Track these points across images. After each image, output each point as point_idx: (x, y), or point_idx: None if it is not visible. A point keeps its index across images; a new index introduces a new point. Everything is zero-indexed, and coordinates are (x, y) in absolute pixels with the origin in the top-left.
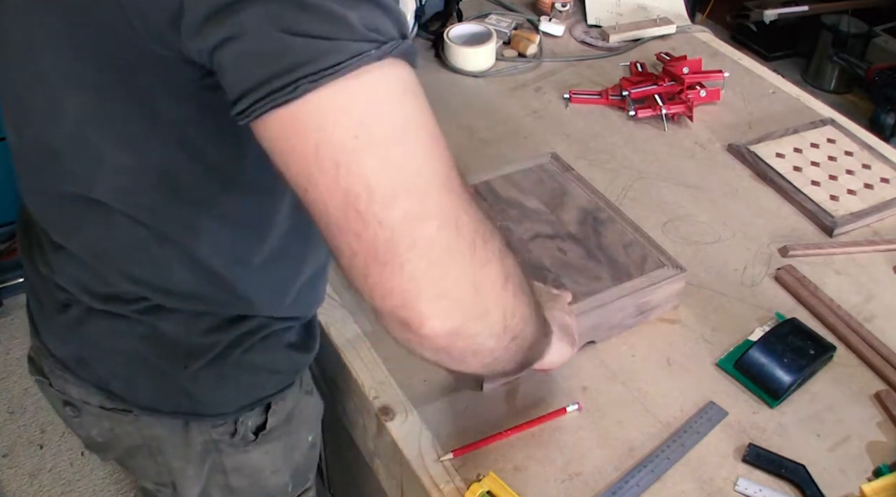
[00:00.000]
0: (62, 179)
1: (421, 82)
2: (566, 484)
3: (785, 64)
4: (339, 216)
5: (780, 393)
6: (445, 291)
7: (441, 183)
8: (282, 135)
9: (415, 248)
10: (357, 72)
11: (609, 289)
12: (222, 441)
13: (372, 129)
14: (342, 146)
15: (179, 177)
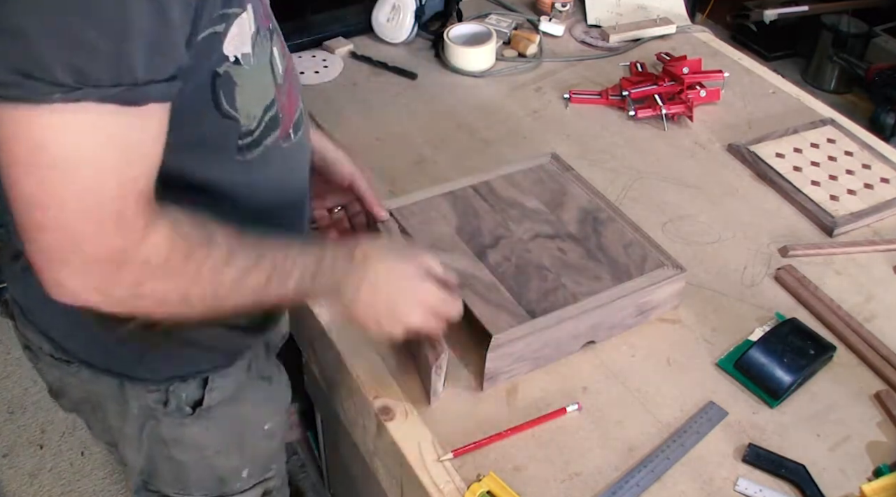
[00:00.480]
0: None
1: (425, 83)
2: (566, 484)
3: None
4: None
5: (780, 393)
6: (62, 280)
7: (80, 210)
8: None
9: (38, 253)
10: (39, 107)
11: (609, 289)
12: (157, 409)
13: (36, 151)
14: (13, 154)
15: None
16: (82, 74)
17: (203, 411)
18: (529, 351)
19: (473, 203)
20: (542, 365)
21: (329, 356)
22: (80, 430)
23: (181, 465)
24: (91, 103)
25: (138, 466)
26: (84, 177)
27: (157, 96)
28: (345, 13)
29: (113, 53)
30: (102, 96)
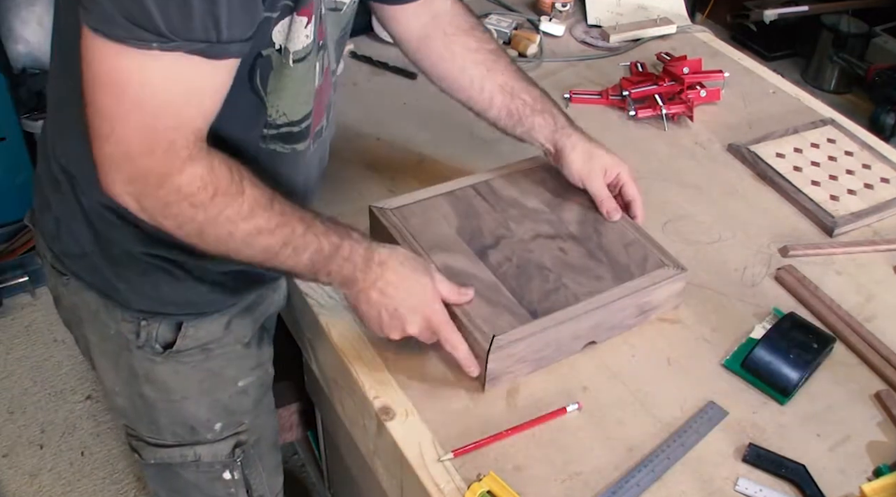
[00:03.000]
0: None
1: (425, 83)
2: (566, 484)
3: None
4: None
5: (790, 389)
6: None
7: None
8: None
9: (100, 158)
10: (134, 49)
11: (610, 289)
12: (131, 340)
13: (119, 76)
14: (98, 75)
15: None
16: (178, 29)
17: (173, 354)
18: (531, 352)
19: (474, 203)
20: (543, 365)
21: (329, 356)
22: (80, 431)
23: (152, 406)
24: (180, 54)
25: (118, 407)
26: (152, 105)
27: (234, 53)
28: None
29: (207, 13)
30: (191, 49)
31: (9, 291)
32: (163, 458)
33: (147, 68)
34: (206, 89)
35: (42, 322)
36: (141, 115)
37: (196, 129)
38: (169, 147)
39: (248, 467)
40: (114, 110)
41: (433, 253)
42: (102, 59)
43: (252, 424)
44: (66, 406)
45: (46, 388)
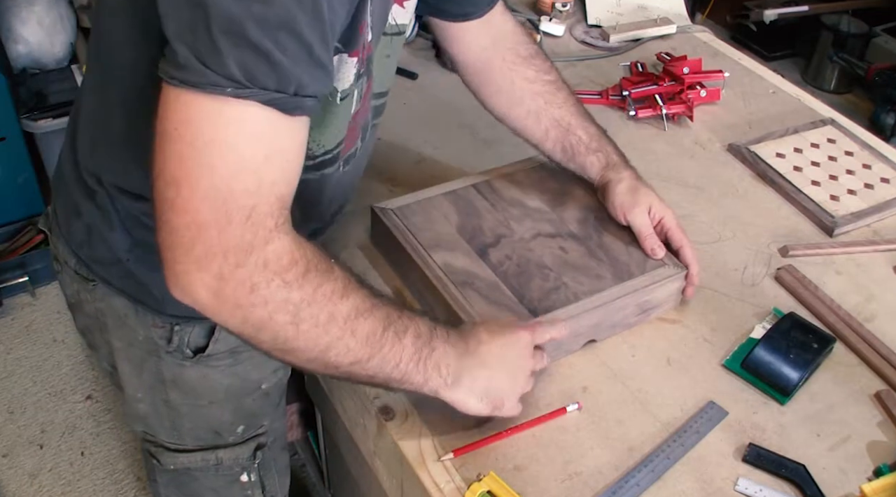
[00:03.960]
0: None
1: (425, 83)
2: (566, 484)
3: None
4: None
5: (790, 389)
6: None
7: (213, 198)
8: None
9: (166, 237)
10: (206, 96)
11: (611, 288)
12: (161, 345)
13: (187, 130)
14: (166, 131)
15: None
16: (253, 76)
17: (203, 358)
18: None
19: (475, 202)
20: None
21: None
22: (80, 431)
23: (177, 411)
24: (254, 103)
25: (139, 413)
26: (225, 165)
27: (308, 110)
28: None
29: (283, 63)
30: (267, 99)
31: (9, 291)
32: (183, 463)
33: (222, 118)
34: (286, 150)
35: (42, 322)
36: (212, 176)
37: (280, 196)
38: (249, 214)
39: (264, 468)
40: (182, 172)
41: (434, 252)
42: (175, 109)
43: (270, 426)
44: (66, 406)
45: (46, 388)
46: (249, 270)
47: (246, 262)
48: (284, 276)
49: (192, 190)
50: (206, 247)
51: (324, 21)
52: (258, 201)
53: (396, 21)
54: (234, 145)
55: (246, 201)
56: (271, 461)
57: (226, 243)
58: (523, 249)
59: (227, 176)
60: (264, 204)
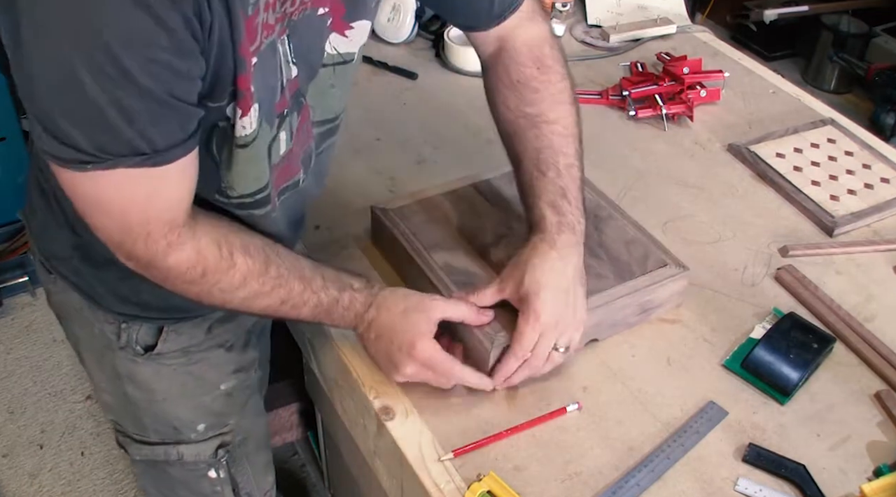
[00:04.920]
0: None
1: (425, 83)
2: (566, 484)
3: (785, 64)
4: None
5: (790, 389)
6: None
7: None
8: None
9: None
10: (77, 172)
11: (613, 287)
12: (113, 341)
13: (76, 195)
14: (69, 195)
15: None
16: (107, 150)
17: (154, 356)
18: None
19: (475, 202)
20: None
21: (329, 356)
22: (80, 431)
23: (136, 405)
24: (120, 169)
25: (105, 404)
26: (116, 211)
27: (179, 155)
28: None
29: (132, 131)
30: (130, 164)
31: (9, 291)
32: (147, 455)
33: (96, 186)
34: (162, 189)
35: (42, 322)
36: (110, 219)
37: (168, 220)
38: (147, 238)
39: (235, 466)
40: (86, 214)
41: (434, 252)
42: (59, 175)
43: (238, 425)
44: (66, 406)
45: (46, 388)
46: (157, 272)
47: (152, 266)
48: (184, 277)
49: (102, 224)
50: (124, 254)
51: (156, 82)
52: (151, 228)
53: (338, 51)
54: (116, 200)
55: (141, 229)
56: (243, 459)
57: (137, 255)
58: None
59: (120, 218)
60: (156, 230)
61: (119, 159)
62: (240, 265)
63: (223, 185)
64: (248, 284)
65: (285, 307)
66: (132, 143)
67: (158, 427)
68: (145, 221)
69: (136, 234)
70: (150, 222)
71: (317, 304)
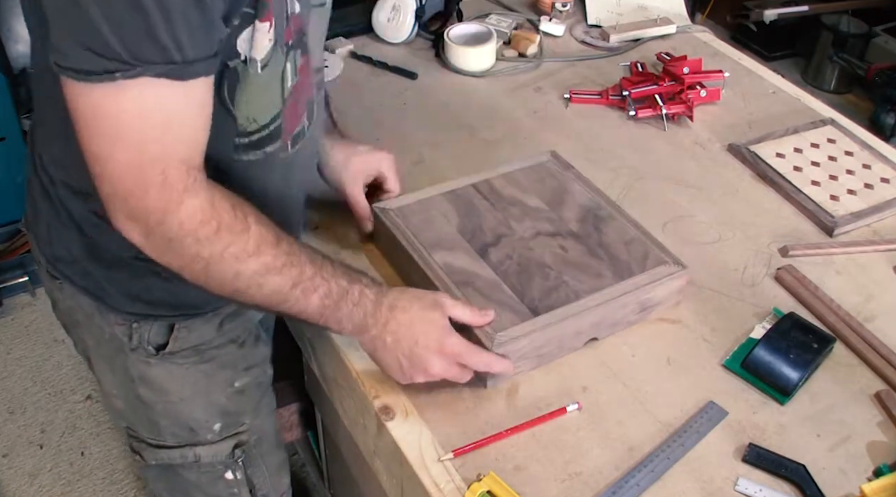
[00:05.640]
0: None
1: (425, 83)
2: (566, 484)
3: (785, 64)
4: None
5: (790, 389)
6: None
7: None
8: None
9: (102, 198)
10: (99, 84)
11: (611, 286)
12: (124, 342)
13: (92, 117)
14: (76, 118)
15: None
16: (139, 55)
17: (166, 355)
18: (532, 348)
19: (474, 202)
20: (545, 362)
21: (329, 356)
22: (80, 431)
23: (150, 408)
24: (146, 78)
25: (117, 409)
26: (132, 139)
27: (203, 71)
28: (345, 13)
29: (166, 33)
30: (156, 73)
31: (9, 291)
32: (163, 459)
33: (119, 100)
34: (183, 114)
35: (42, 322)
36: (125, 151)
37: (185, 159)
38: (162, 182)
39: (251, 467)
40: (100, 150)
41: (434, 251)
42: (78, 99)
43: (252, 425)
44: (66, 406)
45: (46, 388)
46: (167, 228)
47: (164, 220)
48: (197, 233)
49: (111, 165)
50: (131, 209)
51: None
52: (167, 166)
53: None
54: (136, 121)
55: (157, 169)
56: (259, 459)
57: (147, 206)
58: (523, 248)
59: (137, 148)
60: (173, 169)
61: (148, 66)
62: (254, 231)
63: (241, 126)
64: (262, 253)
65: (295, 292)
66: (166, 48)
67: (174, 429)
68: (161, 156)
69: (150, 175)
70: (165, 158)
71: (327, 293)
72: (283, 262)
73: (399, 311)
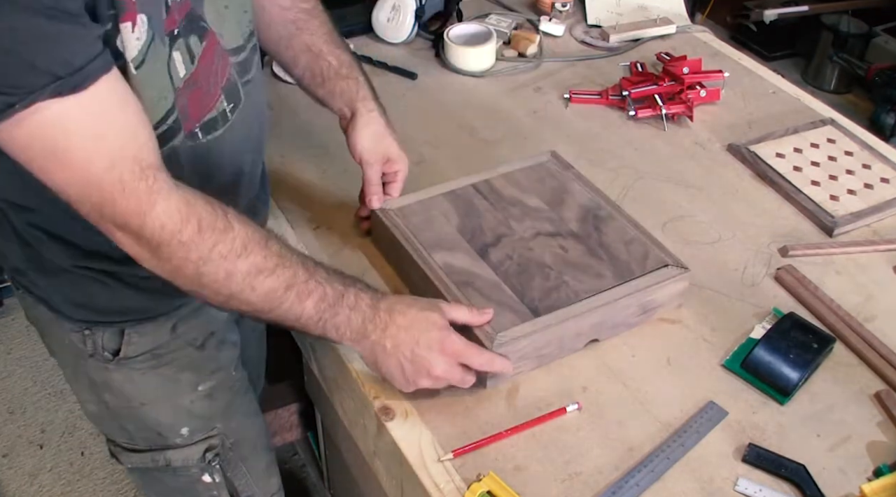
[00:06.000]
0: None
1: (425, 83)
2: (566, 484)
3: (785, 64)
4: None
5: (790, 389)
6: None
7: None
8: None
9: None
10: (7, 120)
11: (613, 287)
12: (82, 349)
13: (27, 154)
14: (17, 157)
15: None
16: (22, 84)
17: (123, 361)
18: (533, 349)
19: (474, 202)
20: (545, 363)
21: (329, 356)
22: (80, 431)
23: (116, 413)
24: (42, 103)
25: (91, 414)
26: (71, 160)
27: (100, 71)
28: (345, 13)
29: (37, 59)
30: (49, 93)
31: (9, 291)
32: (136, 462)
33: (32, 129)
34: (102, 119)
35: None
36: (71, 171)
37: (135, 158)
38: (122, 188)
39: (231, 470)
40: (50, 177)
41: (434, 252)
42: (8, 145)
43: (226, 428)
44: (66, 406)
45: (46, 388)
46: (151, 232)
47: (144, 223)
48: (181, 235)
49: (69, 187)
50: (112, 217)
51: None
52: (120, 171)
53: None
54: (61, 142)
55: (111, 176)
56: (238, 462)
57: (123, 212)
58: (524, 249)
59: (80, 166)
60: (126, 172)
61: (41, 90)
62: (238, 230)
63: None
64: (251, 253)
65: (289, 295)
66: (45, 70)
67: (144, 433)
68: (110, 165)
69: (109, 186)
70: (115, 165)
71: (322, 296)
72: (274, 262)
73: (398, 314)
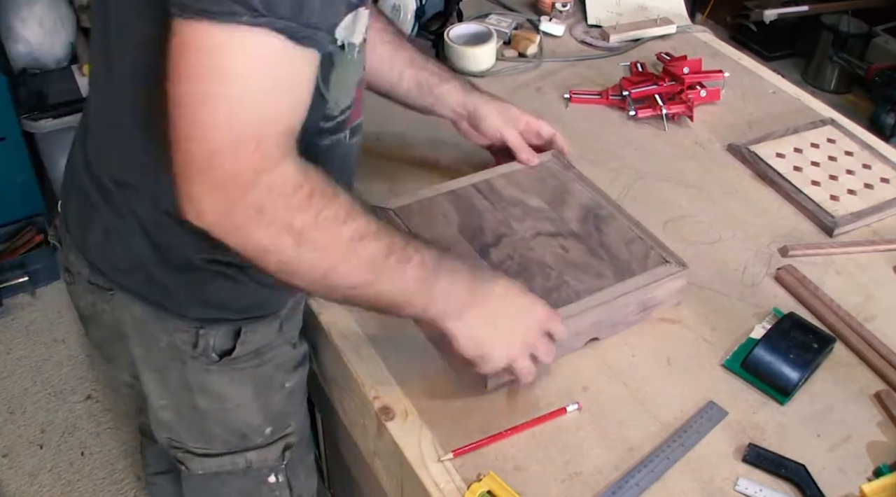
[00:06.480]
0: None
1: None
2: (566, 484)
3: (785, 64)
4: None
5: (790, 389)
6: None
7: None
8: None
9: (180, 162)
10: (220, 25)
11: (612, 286)
12: (185, 351)
13: (200, 60)
14: (179, 64)
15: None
16: (270, 4)
17: (229, 361)
18: None
19: (475, 202)
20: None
21: (329, 356)
22: (80, 431)
23: (204, 416)
24: (268, 31)
25: (164, 421)
26: (239, 95)
27: (318, 44)
28: None
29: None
30: (279, 27)
31: (9, 291)
32: (211, 467)
33: (235, 47)
34: (294, 80)
35: (42, 322)
36: (227, 104)
37: (287, 127)
38: (258, 144)
39: (291, 469)
40: (198, 103)
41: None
42: (190, 44)
43: (295, 426)
44: (66, 406)
45: (46, 388)
46: (257, 193)
47: (254, 184)
48: (289, 199)
49: (207, 118)
50: (218, 172)
51: None
52: (267, 131)
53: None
54: (246, 74)
55: (255, 130)
56: (298, 461)
57: (237, 168)
58: (524, 248)
59: (239, 105)
60: (272, 134)
61: (274, 20)
62: (343, 199)
63: (329, 107)
64: (354, 218)
65: (391, 261)
66: (295, 5)
67: (227, 436)
68: (264, 119)
69: (248, 135)
70: (268, 121)
71: (421, 262)
72: (376, 227)
73: (503, 279)
